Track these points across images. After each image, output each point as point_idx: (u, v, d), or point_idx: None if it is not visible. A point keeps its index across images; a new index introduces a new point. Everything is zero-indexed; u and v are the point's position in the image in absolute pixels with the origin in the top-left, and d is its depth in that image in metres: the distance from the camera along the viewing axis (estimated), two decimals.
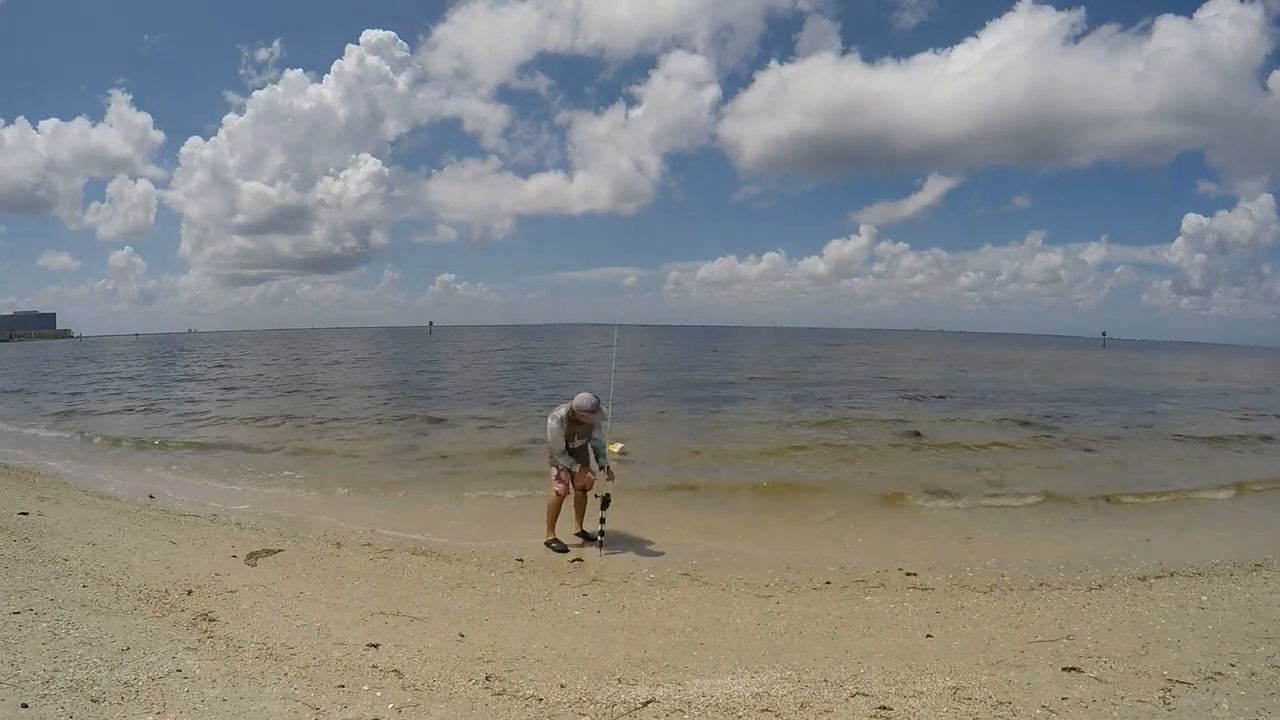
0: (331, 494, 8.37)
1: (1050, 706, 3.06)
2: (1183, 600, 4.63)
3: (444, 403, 17.68)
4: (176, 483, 8.90)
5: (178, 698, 2.94)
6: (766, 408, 16.74)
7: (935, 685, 3.32)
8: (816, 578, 5.28)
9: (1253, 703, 3.07)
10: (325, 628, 3.97)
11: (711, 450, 11.04)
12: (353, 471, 9.72)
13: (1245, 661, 3.53)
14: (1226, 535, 6.71)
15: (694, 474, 9.35)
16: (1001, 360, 41.62)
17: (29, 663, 3.11)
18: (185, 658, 3.36)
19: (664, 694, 3.24)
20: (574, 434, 5.96)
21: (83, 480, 8.86)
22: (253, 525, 6.64)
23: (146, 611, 4.06)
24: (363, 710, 2.98)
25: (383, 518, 7.13)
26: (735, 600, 4.77)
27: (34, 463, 10.19)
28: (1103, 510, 7.75)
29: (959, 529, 6.91)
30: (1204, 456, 11.24)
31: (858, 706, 3.11)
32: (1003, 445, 11.69)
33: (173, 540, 5.87)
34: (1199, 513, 7.74)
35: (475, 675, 3.37)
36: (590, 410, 5.83)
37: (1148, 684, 3.28)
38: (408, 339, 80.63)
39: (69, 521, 6.29)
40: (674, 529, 6.75)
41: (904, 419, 14.35)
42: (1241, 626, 4.08)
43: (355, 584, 4.94)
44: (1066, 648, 3.80)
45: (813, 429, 13.21)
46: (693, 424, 13.87)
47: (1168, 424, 14.92)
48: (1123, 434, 13.35)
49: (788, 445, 11.47)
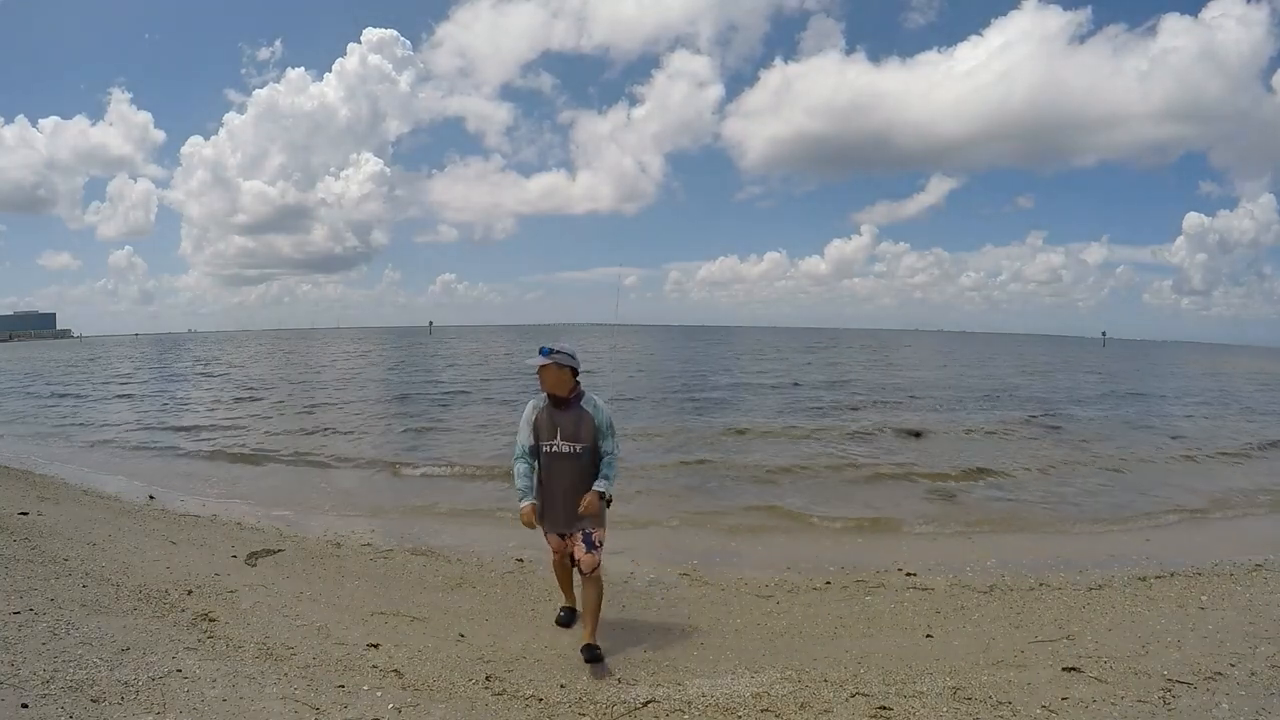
0: (332, 494, 8.37)
1: (1050, 706, 3.06)
2: (1183, 600, 4.62)
3: (445, 403, 17.67)
4: (176, 483, 8.89)
5: (178, 698, 2.94)
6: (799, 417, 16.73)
7: (935, 685, 3.31)
8: (816, 578, 5.27)
9: (1253, 703, 3.07)
10: (325, 628, 3.97)
11: (712, 450, 11.04)
12: (353, 472, 9.72)
13: (1245, 661, 3.53)
14: (1227, 535, 6.71)
15: (694, 474, 9.35)
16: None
17: (29, 663, 3.11)
18: (185, 658, 3.36)
19: (664, 694, 3.24)
20: (553, 423, 3.64)
21: (83, 480, 8.85)
22: (253, 525, 6.63)
23: (146, 611, 4.06)
24: (363, 710, 2.98)
25: (383, 518, 7.13)
26: (735, 600, 4.76)
27: (34, 463, 10.19)
28: (1103, 510, 7.75)
29: (959, 529, 6.91)
30: (1205, 457, 11.24)
31: (858, 706, 3.12)
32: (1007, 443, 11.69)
33: (173, 540, 5.87)
34: (1200, 513, 7.73)
35: (475, 675, 3.37)
36: (550, 358, 3.55)
37: (1148, 684, 3.28)
38: (408, 339, 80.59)
39: (69, 521, 6.29)
40: (674, 529, 6.75)
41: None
42: (1241, 626, 4.07)
43: (355, 584, 4.94)
44: (1066, 648, 3.80)
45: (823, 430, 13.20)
46: (693, 424, 13.86)
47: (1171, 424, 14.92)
48: (1123, 434, 13.35)
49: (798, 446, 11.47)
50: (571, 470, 3.62)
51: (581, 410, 3.65)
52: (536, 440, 3.66)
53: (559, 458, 3.63)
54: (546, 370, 3.57)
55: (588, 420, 3.63)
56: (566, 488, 3.61)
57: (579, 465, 3.62)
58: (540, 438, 3.65)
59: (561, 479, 3.63)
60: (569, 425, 3.62)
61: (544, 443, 3.64)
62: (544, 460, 3.67)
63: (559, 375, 3.57)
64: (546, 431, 3.63)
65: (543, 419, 3.66)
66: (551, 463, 3.65)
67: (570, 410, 3.65)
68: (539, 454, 3.68)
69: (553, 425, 3.62)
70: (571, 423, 3.62)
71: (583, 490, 3.58)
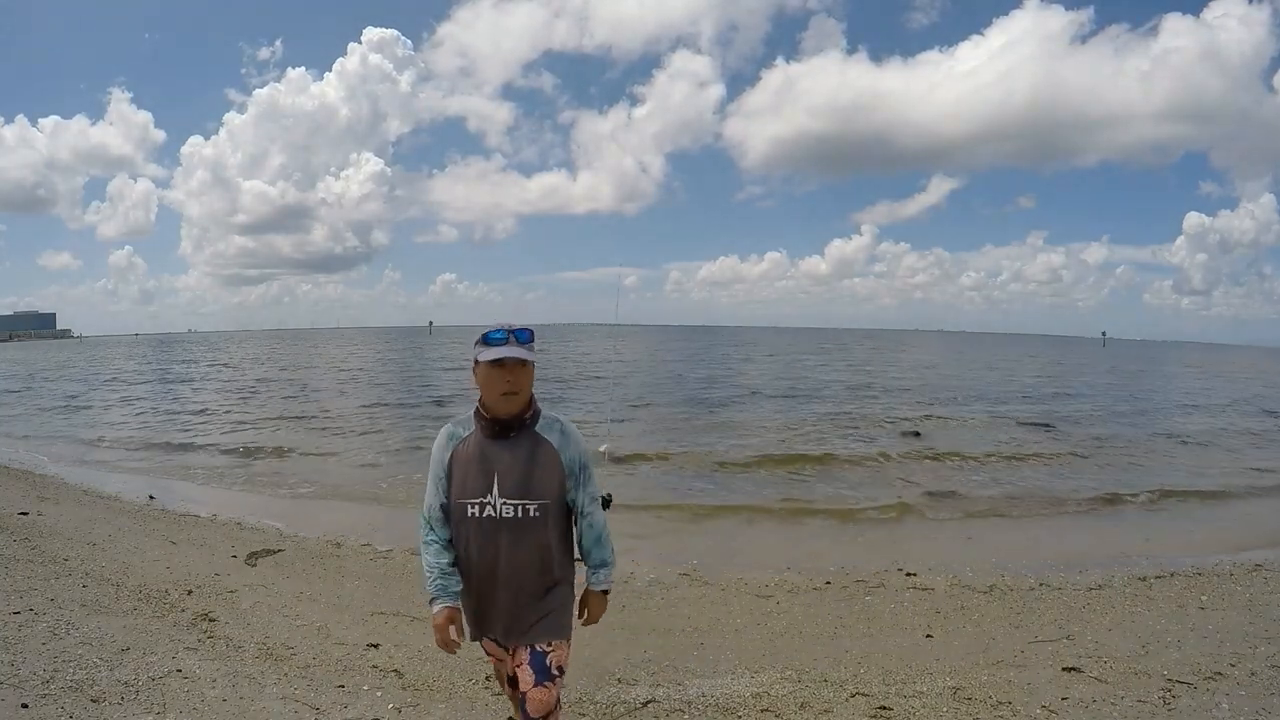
0: (332, 495, 8.37)
1: (1050, 706, 3.06)
2: (1183, 600, 4.62)
3: (445, 404, 17.67)
4: (176, 483, 8.90)
5: (178, 698, 2.94)
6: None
7: (935, 685, 3.31)
8: (816, 578, 5.27)
9: (1253, 703, 3.06)
10: (325, 628, 3.97)
11: (712, 449, 11.04)
12: (353, 472, 9.73)
13: (1245, 661, 3.53)
14: (1227, 535, 6.70)
15: (694, 474, 9.35)
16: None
17: (29, 663, 3.12)
18: (185, 658, 3.36)
19: (664, 694, 3.24)
20: (486, 465, 2.02)
21: (83, 480, 8.86)
22: (253, 525, 6.64)
23: (146, 611, 4.06)
24: (363, 710, 2.98)
25: (383, 518, 7.13)
26: (735, 600, 4.76)
27: (34, 463, 10.20)
28: (1103, 510, 7.75)
29: (959, 530, 6.91)
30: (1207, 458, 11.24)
31: (858, 706, 3.12)
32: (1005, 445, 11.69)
33: (173, 540, 5.87)
34: (1199, 513, 7.73)
35: (475, 675, 3.36)
36: (524, 348, 2.01)
37: (1148, 684, 3.28)
38: (408, 340, 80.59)
39: (69, 521, 6.29)
40: (674, 529, 6.75)
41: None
42: (1241, 626, 4.07)
43: (355, 584, 4.94)
44: (1066, 648, 3.80)
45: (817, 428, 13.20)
46: (694, 425, 13.86)
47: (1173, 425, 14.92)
48: (1124, 434, 13.35)
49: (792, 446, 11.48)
50: (519, 546, 2.00)
51: (538, 441, 2.03)
52: (454, 497, 2.04)
53: (496, 526, 1.99)
54: (511, 370, 1.97)
55: (549, 458, 2.02)
56: (508, 576, 2.01)
57: (532, 537, 2.01)
58: (461, 493, 2.02)
59: (500, 561, 2.00)
60: (515, 469, 2.00)
61: (469, 500, 2.01)
62: (469, 530, 2.02)
63: (524, 375, 2.00)
64: (474, 481, 2.00)
65: (466, 461, 2.03)
66: (483, 534, 2.00)
67: (519, 442, 2.02)
68: (460, 521, 2.03)
69: (485, 470, 2.00)
70: (520, 464, 2.00)
71: (539, 581, 2.04)
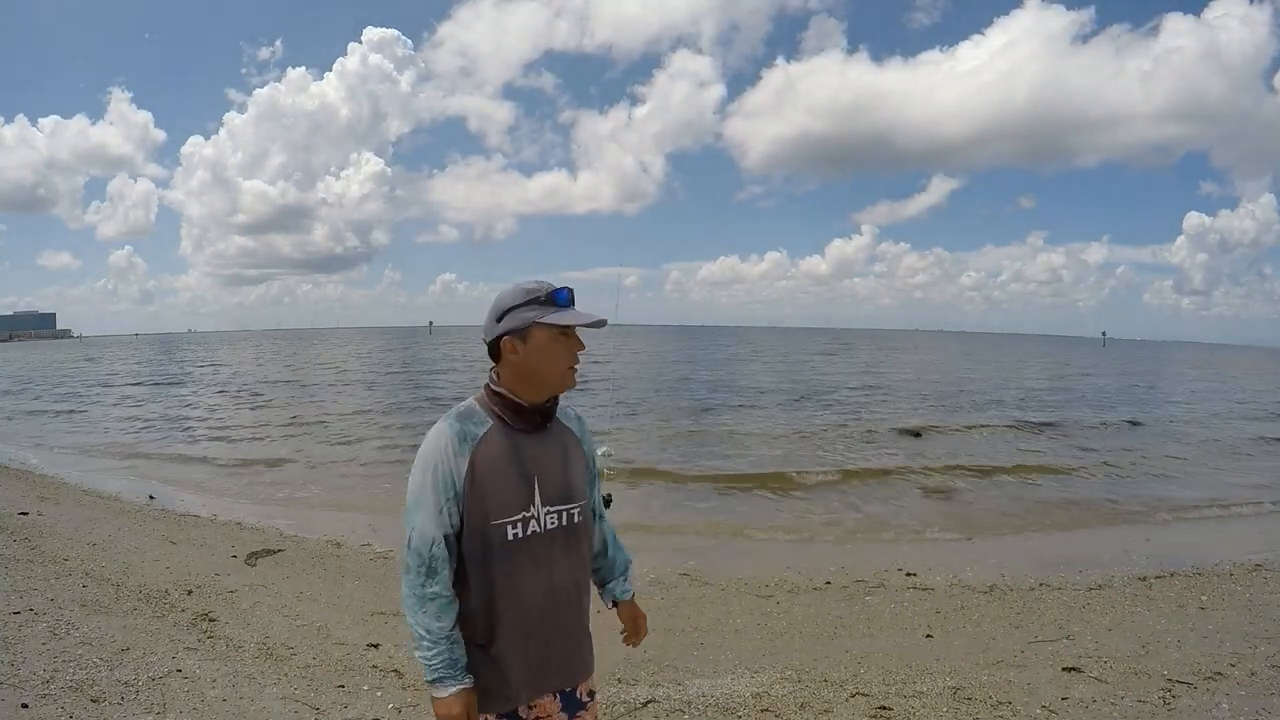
0: (331, 494, 8.37)
1: (1050, 706, 3.06)
2: (1183, 600, 4.62)
3: (444, 403, 17.67)
4: (176, 483, 8.90)
5: (178, 698, 2.94)
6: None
7: (935, 685, 3.31)
8: (816, 578, 5.27)
9: (1253, 703, 3.06)
10: (325, 628, 3.97)
11: (712, 448, 11.04)
12: (353, 472, 9.72)
13: (1245, 661, 3.53)
14: (1227, 535, 6.71)
15: (694, 476, 9.35)
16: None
17: (29, 663, 3.11)
18: (185, 658, 3.36)
19: (664, 694, 3.24)
20: (524, 469, 1.47)
21: (83, 480, 8.86)
22: (253, 525, 6.64)
23: (146, 611, 4.06)
24: (363, 710, 2.98)
25: (383, 518, 7.12)
26: (735, 600, 4.76)
27: (34, 463, 10.19)
28: (1103, 510, 7.75)
29: (959, 529, 6.91)
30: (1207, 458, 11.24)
31: (858, 706, 3.11)
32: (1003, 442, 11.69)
33: (173, 540, 5.87)
34: (1199, 513, 7.73)
35: None
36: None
37: (1148, 684, 3.28)
38: (409, 340, 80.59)
39: (69, 521, 6.29)
40: (674, 529, 6.75)
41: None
42: (1241, 626, 4.07)
43: (355, 584, 4.94)
44: (1066, 648, 3.80)
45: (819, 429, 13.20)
46: (693, 424, 13.86)
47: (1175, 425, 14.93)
48: (1124, 434, 13.36)
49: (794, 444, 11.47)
50: (569, 564, 1.54)
51: (564, 431, 1.60)
52: (482, 520, 1.45)
53: (545, 546, 1.49)
54: (578, 340, 1.53)
55: (578, 450, 1.61)
56: (565, 605, 1.54)
57: (579, 548, 1.57)
58: (498, 510, 1.45)
59: (556, 590, 1.51)
60: (554, 468, 1.53)
61: (508, 519, 1.45)
62: (509, 560, 1.45)
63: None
64: (513, 492, 1.47)
65: (494, 466, 1.46)
66: (534, 560, 1.48)
67: (550, 433, 1.56)
68: (489, 549, 1.44)
69: (524, 475, 1.48)
70: (557, 461, 1.54)
71: (585, 604, 1.61)
